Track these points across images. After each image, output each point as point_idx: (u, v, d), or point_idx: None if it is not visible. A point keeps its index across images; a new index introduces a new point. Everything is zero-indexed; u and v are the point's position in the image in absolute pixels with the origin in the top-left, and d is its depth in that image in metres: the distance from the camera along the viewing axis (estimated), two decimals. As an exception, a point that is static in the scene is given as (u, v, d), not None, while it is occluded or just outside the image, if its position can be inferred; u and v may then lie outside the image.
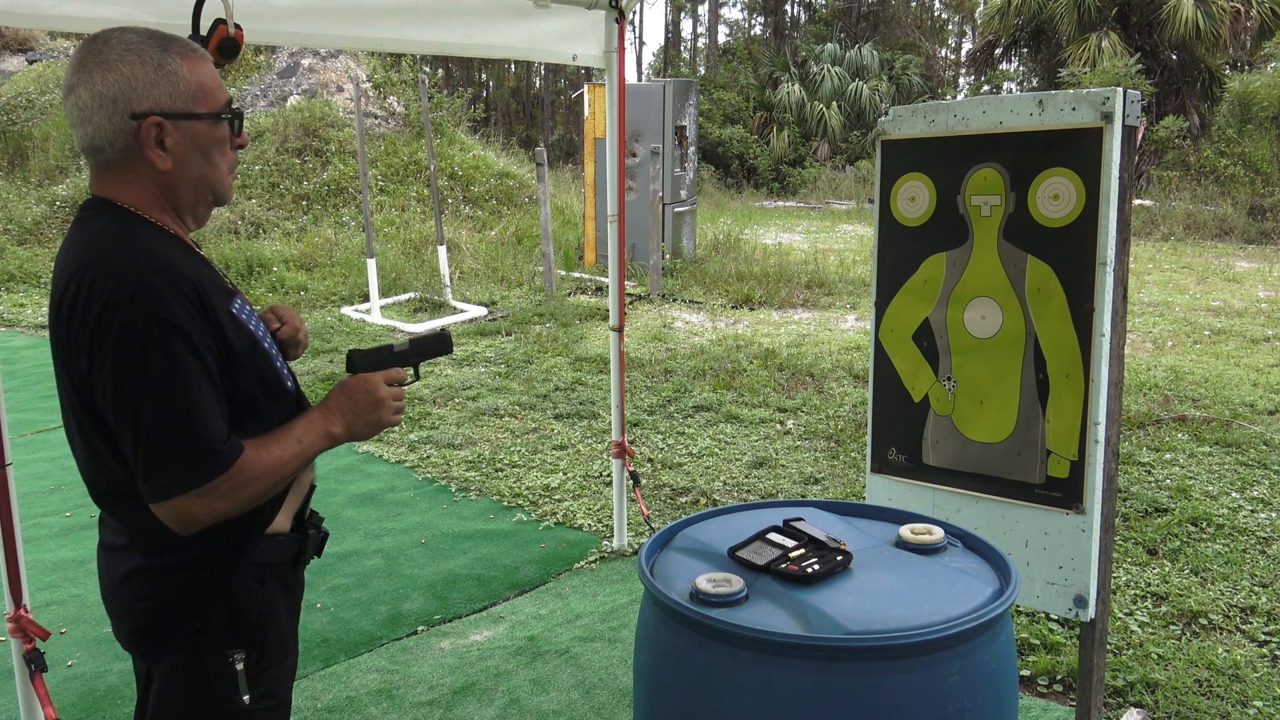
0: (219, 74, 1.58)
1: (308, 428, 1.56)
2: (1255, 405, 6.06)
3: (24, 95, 15.99)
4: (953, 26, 39.69)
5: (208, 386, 1.44)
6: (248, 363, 1.53)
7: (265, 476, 1.50)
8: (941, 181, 2.37)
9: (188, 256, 1.53)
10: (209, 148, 1.56)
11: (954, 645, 1.42)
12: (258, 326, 1.60)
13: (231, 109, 1.58)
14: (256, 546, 1.58)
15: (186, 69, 1.53)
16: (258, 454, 1.49)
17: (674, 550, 1.74)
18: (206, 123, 1.54)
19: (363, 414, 1.60)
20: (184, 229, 1.59)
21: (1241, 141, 17.70)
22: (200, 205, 1.61)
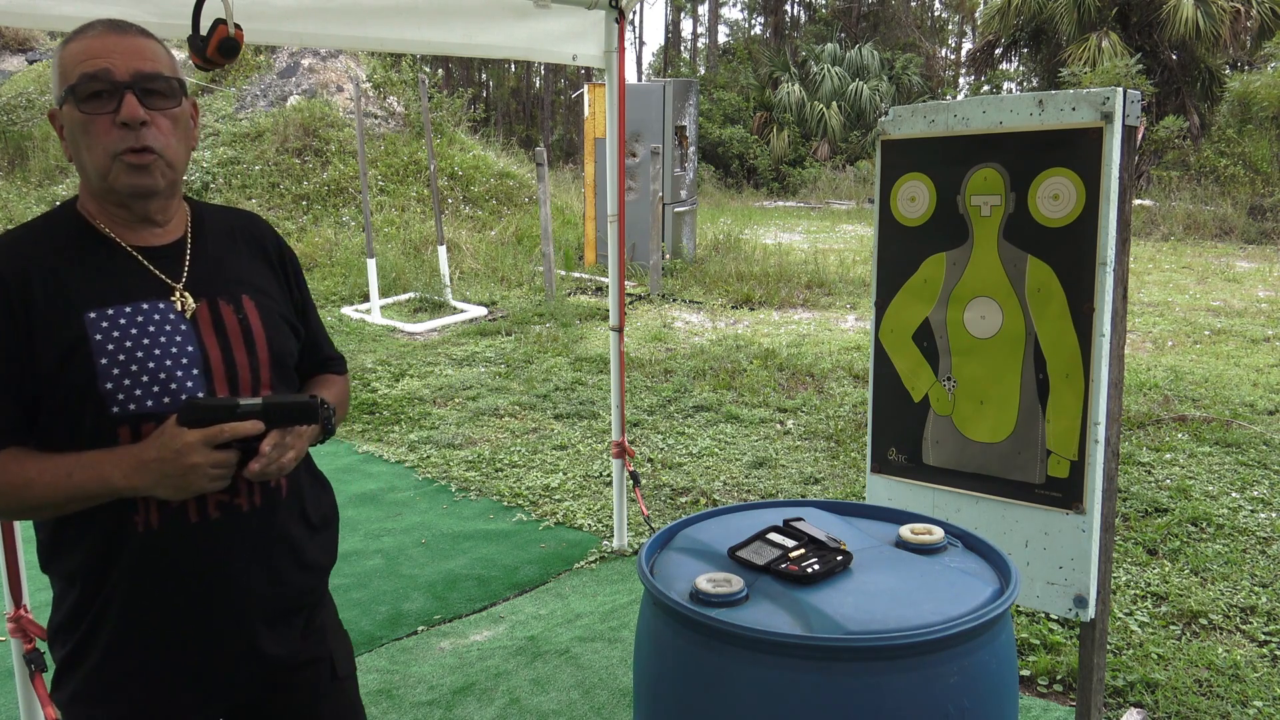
0: (110, 46, 1.42)
1: (86, 465, 1.39)
2: (1255, 405, 6.06)
3: (24, 95, 15.99)
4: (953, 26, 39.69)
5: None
6: (55, 374, 1.40)
7: (4, 493, 1.39)
8: (941, 181, 2.37)
9: (54, 248, 1.45)
10: (75, 129, 1.44)
11: (954, 645, 1.42)
12: (126, 341, 1.43)
13: (89, 78, 1.40)
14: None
15: (65, 51, 1.44)
16: (6, 467, 1.39)
17: (674, 550, 1.74)
18: (69, 103, 1.42)
19: (156, 473, 1.37)
20: (115, 218, 1.49)
21: (1241, 141, 17.70)
22: (105, 194, 1.48)
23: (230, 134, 13.40)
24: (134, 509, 1.44)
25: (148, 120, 1.42)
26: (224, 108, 14.24)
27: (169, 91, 1.46)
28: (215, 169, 12.81)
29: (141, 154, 1.42)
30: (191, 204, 1.62)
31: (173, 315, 1.48)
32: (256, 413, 1.41)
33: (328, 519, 1.72)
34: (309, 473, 1.70)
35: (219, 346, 1.50)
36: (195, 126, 1.57)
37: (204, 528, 1.48)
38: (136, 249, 1.50)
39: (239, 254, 1.61)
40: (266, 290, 1.61)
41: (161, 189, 1.48)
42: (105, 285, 1.45)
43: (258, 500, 1.53)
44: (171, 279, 1.51)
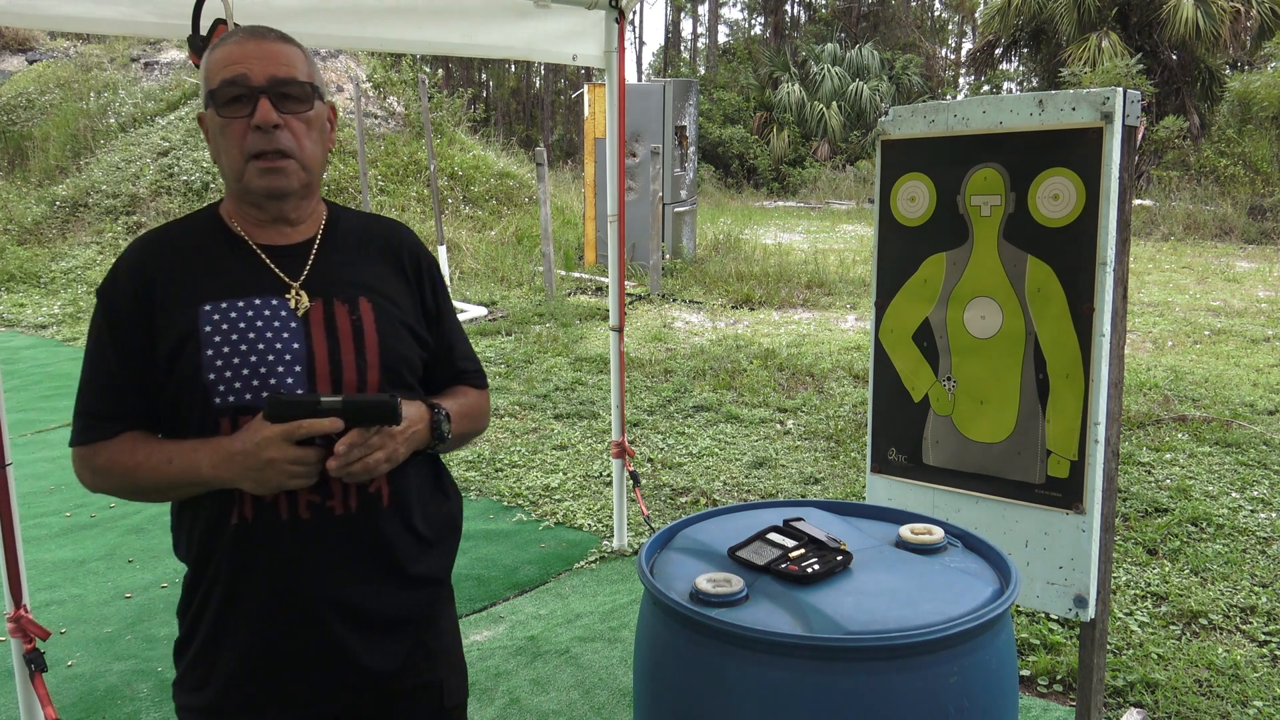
0: (248, 52, 1.46)
1: (183, 454, 1.44)
2: (1255, 405, 6.06)
3: (24, 95, 15.99)
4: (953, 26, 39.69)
5: (105, 364, 1.47)
6: (169, 364, 1.45)
7: (116, 475, 1.47)
8: (941, 181, 2.37)
9: (186, 245, 1.52)
10: (215, 132, 1.49)
11: (954, 645, 1.42)
12: (233, 334, 1.46)
13: (227, 84, 1.45)
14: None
15: (210, 57, 1.49)
16: (121, 450, 1.47)
17: (674, 550, 1.74)
18: (211, 107, 1.48)
19: (239, 466, 1.39)
20: (249, 218, 1.54)
21: (1241, 141, 17.70)
22: (242, 194, 1.52)
23: (230, 134, 13.35)
24: (231, 501, 1.46)
25: (281, 124, 1.45)
26: (224, 108, 14.20)
27: (303, 95, 1.49)
28: (215, 169, 12.80)
29: (274, 157, 1.45)
30: (331, 207, 1.64)
31: (284, 312, 1.49)
32: (337, 410, 1.39)
33: (443, 533, 1.67)
34: (427, 482, 1.64)
35: (327, 346, 1.49)
36: (332, 129, 1.59)
37: (293, 527, 1.47)
38: (263, 247, 1.53)
39: (368, 259, 1.60)
40: (390, 296, 1.59)
41: (294, 190, 1.50)
42: (225, 280, 1.49)
43: (353, 505, 1.50)
44: (290, 277, 1.52)
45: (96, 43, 17.01)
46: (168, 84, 15.36)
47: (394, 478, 1.54)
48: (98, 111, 14.86)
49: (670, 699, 1.54)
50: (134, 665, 3.32)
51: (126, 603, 3.77)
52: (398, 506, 1.55)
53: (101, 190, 13.10)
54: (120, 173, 13.36)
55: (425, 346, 1.63)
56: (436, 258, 1.50)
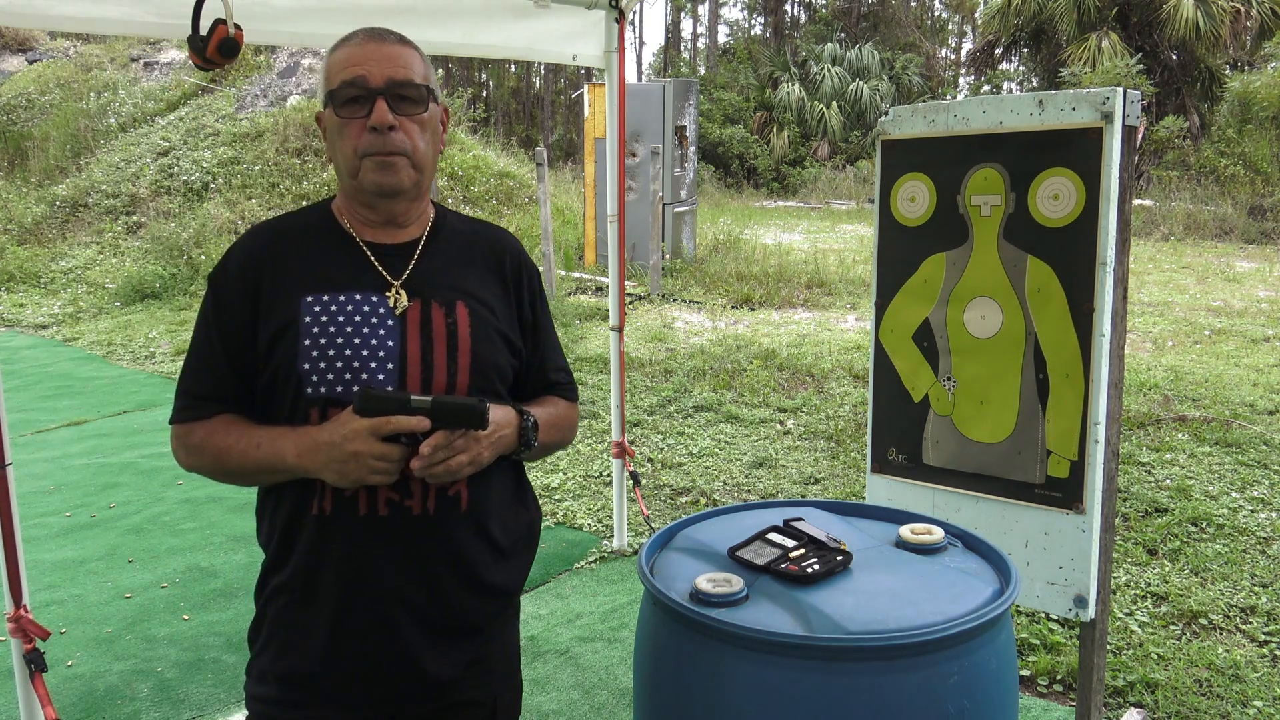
0: (368, 54, 1.49)
1: (271, 439, 1.46)
2: (1255, 405, 6.06)
3: (24, 95, 15.99)
4: (953, 26, 39.69)
5: (209, 347, 1.51)
6: (268, 350, 1.48)
7: (208, 454, 1.50)
8: (941, 181, 2.37)
9: (295, 237, 1.56)
10: (332, 131, 1.52)
11: (954, 645, 1.42)
12: (331, 327, 1.48)
13: (346, 85, 1.48)
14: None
15: (331, 58, 1.52)
16: (215, 431, 1.49)
17: (674, 550, 1.74)
18: (330, 107, 1.51)
19: (324, 456, 1.41)
20: (359, 217, 1.56)
21: (1241, 141, 17.70)
22: (354, 193, 1.55)
23: (230, 134, 13.39)
24: (313, 492, 1.47)
25: (396, 125, 1.47)
26: (224, 108, 14.23)
27: (419, 98, 1.51)
28: (215, 169, 12.81)
29: (388, 154, 1.48)
30: (439, 210, 1.66)
31: (383, 310, 1.50)
32: (425, 410, 1.39)
33: (520, 544, 1.65)
34: (508, 490, 1.64)
35: (420, 346, 1.50)
36: (445, 131, 1.60)
37: (370, 523, 1.47)
38: (369, 244, 1.55)
39: (470, 263, 1.62)
40: (488, 302, 1.59)
41: (406, 188, 1.52)
42: (328, 274, 1.52)
43: (431, 506, 1.49)
44: (392, 276, 1.54)
45: (96, 43, 17.01)
46: (168, 84, 15.37)
47: (474, 483, 1.53)
48: (98, 111, 14.86)
49: (670, 699, 1.54)
50: (134, 665, 3.32)
51: (126, 603, 3.77)
52: (476, 512, 1.54)
53: (101, 190, 13.10)
54: (120, 173, 13.36)
55: (518, 355, 1.64)
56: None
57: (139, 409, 6.66)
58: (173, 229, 11.78)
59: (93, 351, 8.67)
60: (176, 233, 11.62)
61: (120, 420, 6.45)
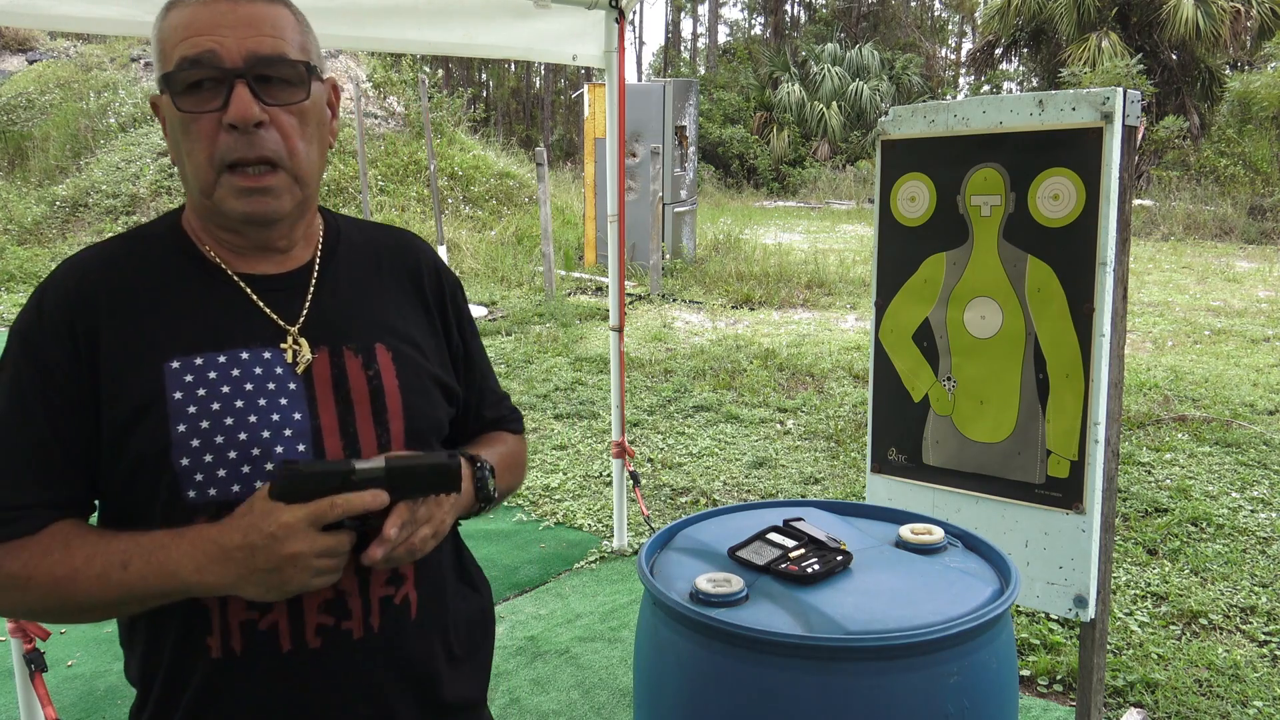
0: (218, 18, 1.05)
1: (147, 551, 1.02)
2: (1255, 405, 6.06)
3: (24, 95, 16.00)
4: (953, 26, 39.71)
5: (25, 429, 1.06)
6: (121, 438, 1.06)
7: (39, 587, 1.02)
8: (941, 181, 2.37)
9: (141, 271, 1.12)
10: (174, 130, 1.09)
11: (954, 645, 1.42)
12: (213, 403, 1.07)
13: (188, 64, 1.04)
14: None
15: (163, 24, 1.08)
16: (48, 550, 1.03)
17: (674, 550, 1.74)
18: (166, 93, 1.08)
19: (242, 566, 1.00)
20: (224, 242, 1.15)
21: (1241, 141, 17.70)
22: (210, 214, 1.13)
23: (230, 134, 13.39)
24: (207, 625, 1.08)
25: (265, 120, 1.06)
26: (224, 108, 14.23)
27: (296, 79, 1.08)
28: (215, 169, 12.81)
29: (258, 173, 1.07)
30: (329, 219, 1.26)
31: (280, 369, 1.11)
32: (378, 479, 1.03)
33: (476, 641, 1.31)
34: (452, 571, 1.28)
35: (337, 413, 1.12)
36: (334, 116, 1.18)
37: (298, 661, 1.10)
38: (246, 278, 1.15)
39: (382, 287, 1.23)
40: (412, 339, 1.22)
41: (286, 213, 1.12)
42: (197, 326, 1.10)
43: (375, 624, 1.14)
44: (285, 320, 1.15)
45: (96, 43, 17.02)
46: (168, 84, 15.36)
47: (422, 577, 1.19)
48: (98, 111, 14.87)
49: (670, 699, 1.54)
50: None
51: (126, 603, 3.77)
52: (430, 615, 1.20)
53: (101, 190, 13.10)
54: (120, 173, 13.36)
55: (454, 400, 1.28)
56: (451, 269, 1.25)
57: (139, 409, 6.65)
58: (173, 229, 11.77)
59: (93, 351, 8.67)
60: (176, 233, 11.61)
61: (120, 420, 6.44)
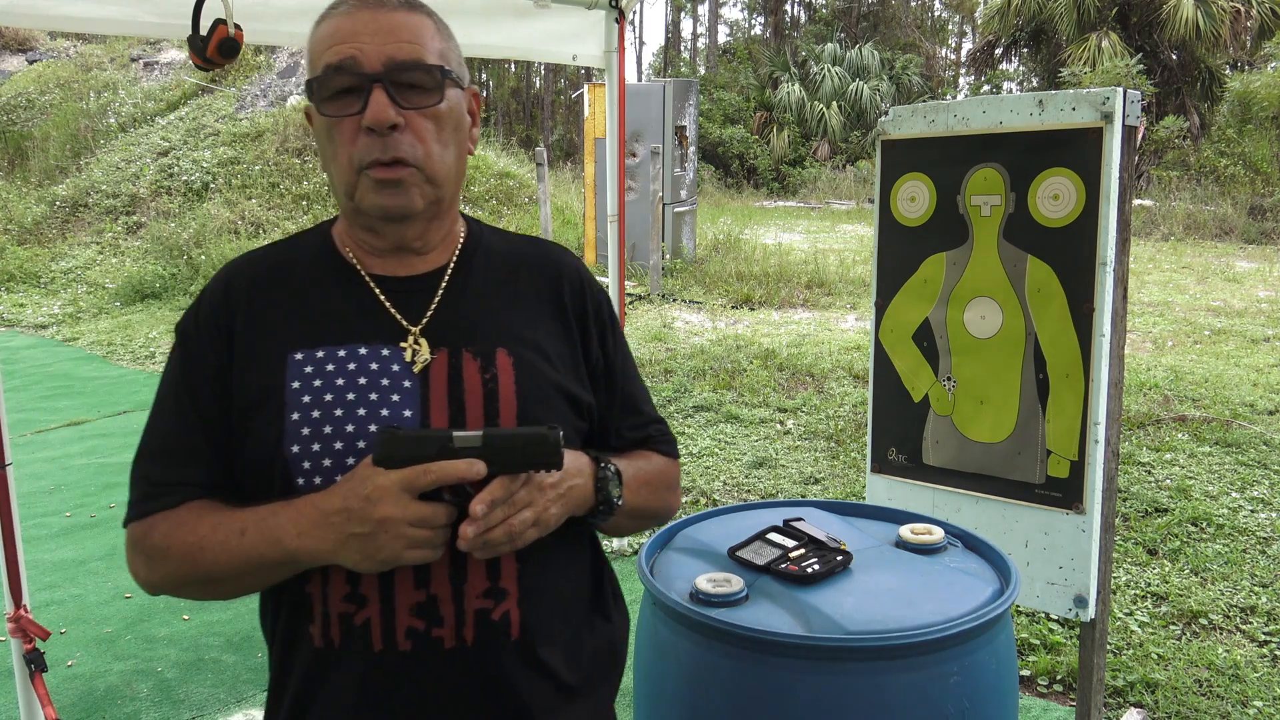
0: (360, 26, 1.10)
1: (259, 520, 1.06)
2: (1255, 405, 6.06)
3: (24, 95, 16.01)
4: (953, 26, 39.71)
5: (177, 416, 1.14)
6: (245, 423, 1.12)
7: (175, 557, 1.09)
8: (941, 181, 2.37)
9: (284, 271, 1.18)
10: (320, 134, 1.14)
11: (954, 645, 1.42)
12: (327, 394, 1.10)
13: (332, 71, 1.09)
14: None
15: (314, 35, 1.14)
16: (182, 523, 1.09)
17: (674, 550, 1.74)
18: (313, 100, 1.13)
19: (338, 530, 1.01)
20: (364, 244, 1.19)
21: (1241, 141, 17.71)
22: (354, 214, 1.17)
23: (230, 134, 13.40)
24: (310, 613, 1.10)
25: (400, 123, 1.09)
26: (224, 108, 14.24)
27: (431, 84, 1.12)
28: (215, 169, 12.82)
29: (392, 168, 1.09)
30: (472, 226, 1.27)
31: (396, 366, 1.12)
32: (475, 449, 1.01)
33: (596, 674, 1.23)
34: (580, 595, 1.22)
35: (448, 414, 1.11)
36: (475, 124, 1.21)
37: (389, 661, 1.09)
38: (378, 279, 1.17)
39: (516, 295, 1.22)
40: (540, 347, 1.19)
41: (419, 210, 1.13)
42: (324, 321, 1.14)
43: (469, 635, 1.09)
44: (409, 320, 1.15)
45: (96, 43, 17.02)
46: (168, 84, 15.37)
47: (531, 595, 1.13)
48: (98, 111, 14.87)
49: (670, 699, 1.54)
50: (134, 665, 3.32)
51: (126, 603, 3.77)
52: (531, 639, 1.13)
53: (101, 190, 13.11)
54: (120, 173, 13.37)
55: (585, 415, 1.23)
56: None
57: (139, 409, 6.66)
58: (173, 229, 11.78)
59: (93, 351, 8.68)
60: (176, 233, 11.63)
61: (120, 420, 6.45)
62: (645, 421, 1.33)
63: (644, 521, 1.31)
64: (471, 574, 1.09)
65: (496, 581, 1.11)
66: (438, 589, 1.08)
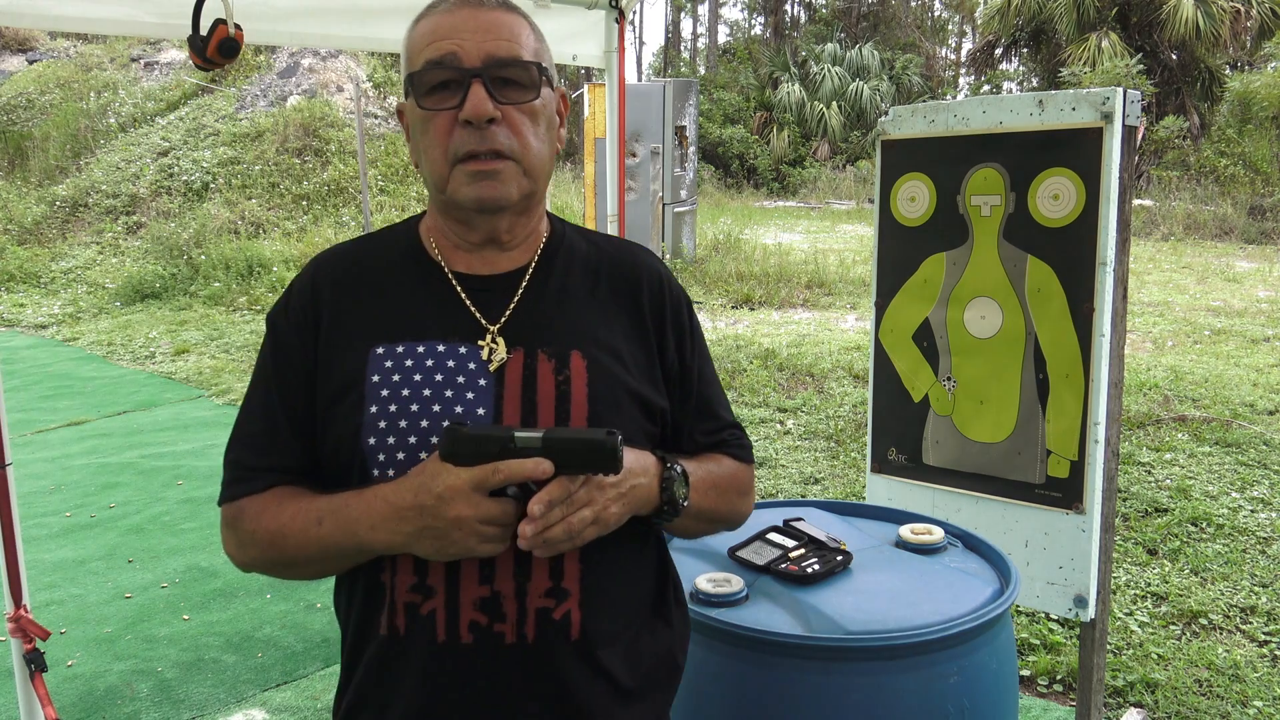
0: (460, 24, 1.13)
1: (335, 510, 1.10)
2: (1255, 405, 6.06)
3: (24, 95, 16.01)
4: (953, 26, 39.71)
5: (265, 405, 1.19)
6: (327, 413, 1.16)
7: (261, 540, 1.15)
8: (941, 181, 2.37)
9: (370, 266, 1.22)
10: (415, 128, 1.17)
11: (954, 645, 1.42)
12: (404, 389, 1.13)
13: (432, 66, 1.12)
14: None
15: (413, 32, 1.17)
16: (267, 508, 1.15)
17: (674, 550, 1.74)
18: (412, 96, 1.16)
19: (412, 525, 1.04)
20: (451, 239, 1.21)
21: (1241, 141, 17.70)
22: (446, 208, 1.19)
23: (230, 134, 13.41)
24: (380, 601, 1.14)
25: (497, 117, 1.12)
26: (224, 108, 14.24)
27: (528, 81, 1.15)
28: (215, 169, 12.82)
29: (488, 159, 1.13)
30: (555, 225, 1.29)
31: (473, 364, 1.14)
32: (535, 449, 1.02)
33: (654, 679, 1.22)
34: (643, 599, 1.22)
35: (521, 413, 1.13)
36: (563, 123, 1.25)
37: (451, 653, 1.11)
38: (459, 276, 1.20)
39: (595, 297, 1.23)
40: (616, 350, 1.20)
41: (513, 201, 1.16)
42: (404, 316, 1.17)
43: (530, 632, 1.11)
44: (488, 319, 1.18)
45: (96, 43, 17.02)
46: (168, 84, 15.38)
47: (593, 597, 1.14)
48: (98, 111, 14.88)
49: (670, 699, 1.54)
50: (134, 665, 3.32)
51: (126, 603, 3.77)
52: (591, 640, 1.14)
53: (101, 190, 13.11)
54: (120, 173, 13.37)
55: (658, 420, 1.23)
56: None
57: (139, 409, 6.66)
58: (173, 229, 11.79)
59: (93, 351, 8.68)
60: (176, 233, 11.63)
61: (120, 420, 6.44)
62: (720, 426, 1.32)
63: (712, 525, 1.30)
64: (535, 573, 1.12)
65: (559, 582, 1.12)
66: (501, 585, 1.11)
